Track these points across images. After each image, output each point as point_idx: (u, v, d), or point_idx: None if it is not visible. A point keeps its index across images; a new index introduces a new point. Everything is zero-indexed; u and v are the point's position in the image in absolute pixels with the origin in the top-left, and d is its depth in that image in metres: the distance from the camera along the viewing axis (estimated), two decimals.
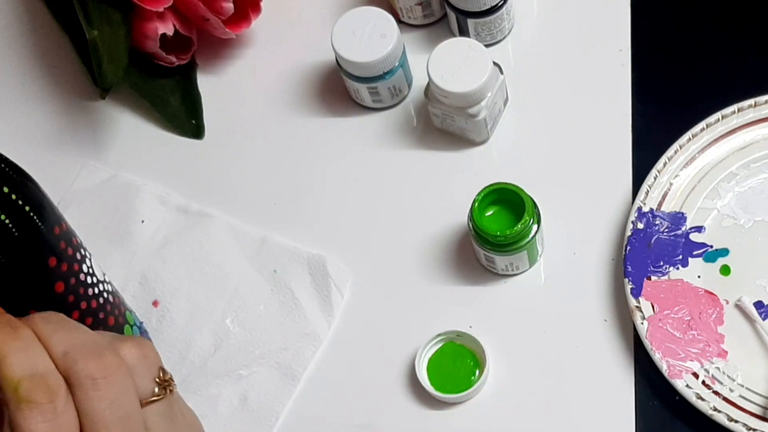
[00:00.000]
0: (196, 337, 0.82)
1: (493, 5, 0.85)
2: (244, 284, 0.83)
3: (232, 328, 0.82)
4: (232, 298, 0.83)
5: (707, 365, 0.77)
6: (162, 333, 0.82)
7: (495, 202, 0.79)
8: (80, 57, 0.92)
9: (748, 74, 0.86)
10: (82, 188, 0.88)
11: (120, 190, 0.88)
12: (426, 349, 0.80)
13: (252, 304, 0.83)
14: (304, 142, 0.89)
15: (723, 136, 0.82)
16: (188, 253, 0.85)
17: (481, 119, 0.83)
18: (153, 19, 0.85)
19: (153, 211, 0.87)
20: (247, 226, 0.85)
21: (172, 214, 0.86)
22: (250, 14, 0.89)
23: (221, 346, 0.82)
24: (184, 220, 0.86)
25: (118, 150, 0.90)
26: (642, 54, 0.88)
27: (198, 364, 0.81)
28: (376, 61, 0.83)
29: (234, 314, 0.83)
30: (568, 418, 0.78)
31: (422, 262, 0.83)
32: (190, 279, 0.84)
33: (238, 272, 0.84)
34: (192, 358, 0.82)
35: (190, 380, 0.81)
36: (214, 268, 0.84)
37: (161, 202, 0.87)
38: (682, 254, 0.80)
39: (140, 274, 0.84)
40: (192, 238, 0.85)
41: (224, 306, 0.83)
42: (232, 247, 0.85)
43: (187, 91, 0.91)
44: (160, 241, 0.86)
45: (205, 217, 0.86)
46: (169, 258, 0.85)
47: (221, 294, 0.83)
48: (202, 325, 0.82)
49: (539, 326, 0.81)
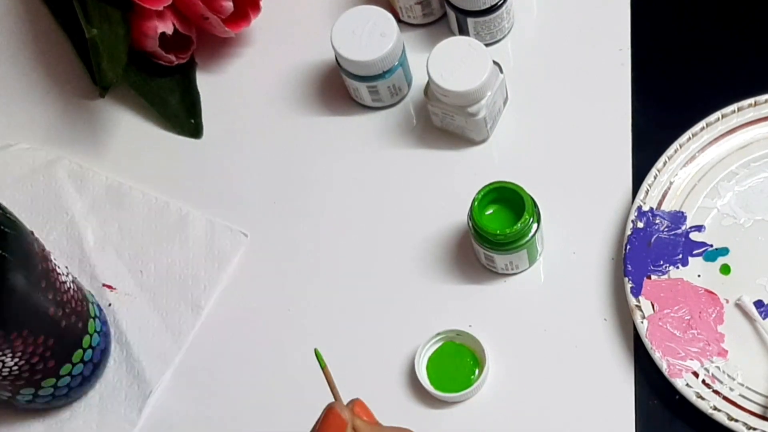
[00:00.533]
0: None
1: (493, 4, 0.85)
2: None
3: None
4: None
5: (707, 364, 0.77)
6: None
7: (495, 201, 0.79)
8: (79, 56, 0.92)
9: (748, 73, 0.86)
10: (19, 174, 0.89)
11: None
12: (426, 348, 0.80)
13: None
14: (304, 142, 0.89)
15: (723, 135, 0.82)
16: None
17: (481, 118, 0.83)
18: (152, 18, 0.85)
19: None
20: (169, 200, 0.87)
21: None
22: (250, 13, 0.89)
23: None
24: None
25: (116, 149, 0.90)
26: (642, 53, 0.88)
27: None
28: (375, 60, 0.83)
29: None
30: (568, 417, 0.78)
31: (422, 261, 0.83)
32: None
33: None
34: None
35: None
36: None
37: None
38: (682, 253, 0.80)
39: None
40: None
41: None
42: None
43: (186, 90, 0.91)
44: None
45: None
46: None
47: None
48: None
49: (539, 325, 0.81)
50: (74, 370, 0.78)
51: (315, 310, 0.84)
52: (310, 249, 0.85)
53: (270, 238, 0.86)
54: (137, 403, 0.81)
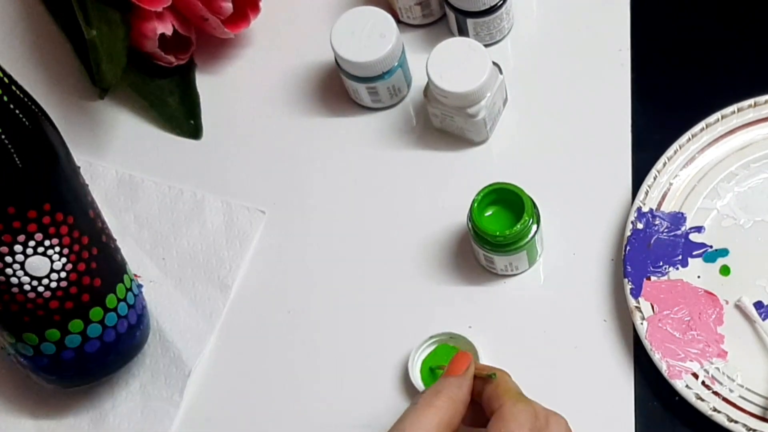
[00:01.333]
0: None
1: (493, 5, 0.85)
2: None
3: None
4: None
5: (707, 366, 0.77)
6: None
7: (494, 202, 0.79)
8: (79, 57, 0.92)
9: (748, 74, 0.86)
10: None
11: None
12: (419, 351, 0.79)
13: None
14: (303, 143, 0.88)
15: (723, 136, 0.82)
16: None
17: (481, 119, 0.83)
18: (152, 19, 0.85)
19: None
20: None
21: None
22: (249, 14, 0.88)
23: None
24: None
25: (116, 150, 0.90)
26: (642, 54, 0.87)
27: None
28: (375, 60, 0.83)
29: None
30: (568, 418, 0.78)
31: (421, 262, 0.83)
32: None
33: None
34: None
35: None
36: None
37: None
38: (682, 254, 0.80)
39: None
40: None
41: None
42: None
43: (186, 91, 0.91)
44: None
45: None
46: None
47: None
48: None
49: (539, 326, 0.81)
50: (119, 308, 0.78)
51: (314, 310, 0.84)
52: (308, 250, 0.85)
53: (268, 238, 0.86)
54: (178, 384, 0.82)
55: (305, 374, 0.82)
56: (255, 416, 0.82)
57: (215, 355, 0.83)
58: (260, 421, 0.81)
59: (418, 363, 0.79)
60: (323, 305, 0.84)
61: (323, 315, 0.83)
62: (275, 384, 0.82)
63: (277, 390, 0.82)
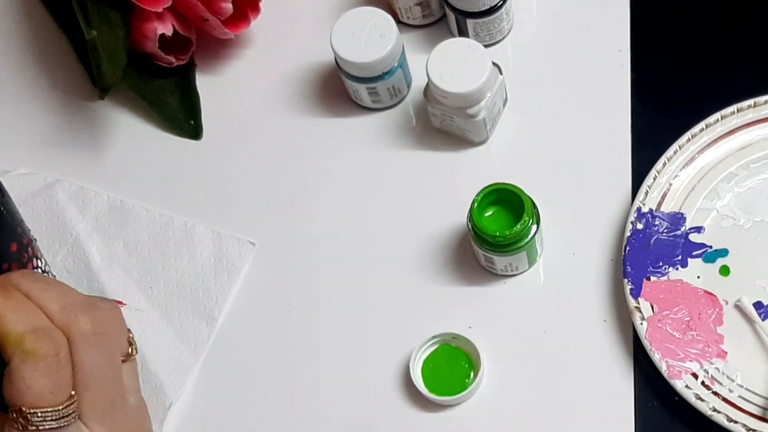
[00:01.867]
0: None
1: (493, 5, 0.85)
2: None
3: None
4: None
5: (707, 366, 0.77)
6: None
7: (494, 203, 0.79)
8: (79, 57, 0.92)
9: (748, 74, 0.86)
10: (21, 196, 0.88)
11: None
12: (421, 351, 0.79)
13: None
14: (303, 143, 0.89)
15: (722, 136, 0.82)
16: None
17: (481, 119, 0.83)
18: (152, 20, 0.85)
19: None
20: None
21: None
22: (249, 14, 0.88)
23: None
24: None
25: (116, 151, 0.90)
26: (641, 54, 0.87)
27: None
28: (375, 61, 0.83)
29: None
30: (568, 418, 0.78)
31: (421, 263, 0.83)
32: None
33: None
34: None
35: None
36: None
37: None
38: (682, 255, 0.80)
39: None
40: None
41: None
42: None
43: (186, 91, 0.91)
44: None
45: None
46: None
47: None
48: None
49: (538, 327, 0.81)
50: None
51: (314, 311, 0.84)
52: (308, 250, 0.85)
53: (269, 239, 0.86)
54: (158, 415, 0.81)
55: (299, 396, 0.81)
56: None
57: (198, 388, 0.82)
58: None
59: (419, 363, 0.79)
60: (321, 305, 0.84)
61: (321, 315, 0.83)
62: (263, 415, 0.81)
63: (267, 419, 0.81)
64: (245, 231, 0.86)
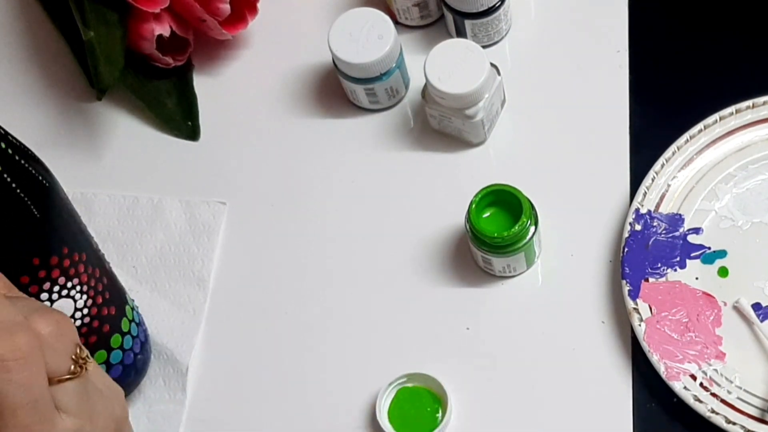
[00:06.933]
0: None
1: (491, 6, 0.85)
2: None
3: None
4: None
5: (705, 367, 0.77)
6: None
7: (492, 204, 0.79)
8: (76, 58, 0.92)
9: (746, 75, 0.86)
10: None
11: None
12: (383, 402, 0.78)
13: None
14: (301, 144, 0.88)
15: (721, 137, 0.82)
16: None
17: (479, 120, 0.83)
18: (149, 21, 0.85)
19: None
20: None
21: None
22: (247, 15, 0.88)
23: None
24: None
25: (114, 151, 0.90)
26: (640, 55, 0.87)
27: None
28: (373, 62, 0.83)
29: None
30: (566, 419, 0.78)
31: (419, 264, 0.83)
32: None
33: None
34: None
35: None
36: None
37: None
38: (680, 256, 0.80)
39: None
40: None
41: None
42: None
43: (183, 92, 0.90)
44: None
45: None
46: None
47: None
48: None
49: (537, 328, 0.81)
50: (132, 329, 0.78)
51: (312, 311, 0.84)
52: (306, 251, 0.85)
53: (268, 239, 0.86)
54: (179, 383, 0.82)
55: (299, 360, 0.82)
56: (255, 407, 0.81)
57: (206, 350, 0.83)
58: (261, 413, 0.81)
59: (384, 414, 0.78)
60: (319, 305, 0.84)
61: (318, 315, 0.83)
62: (270, 371, 0.82)
63: (273, 375, 0.82)
64: (243, 228, 0.86)
